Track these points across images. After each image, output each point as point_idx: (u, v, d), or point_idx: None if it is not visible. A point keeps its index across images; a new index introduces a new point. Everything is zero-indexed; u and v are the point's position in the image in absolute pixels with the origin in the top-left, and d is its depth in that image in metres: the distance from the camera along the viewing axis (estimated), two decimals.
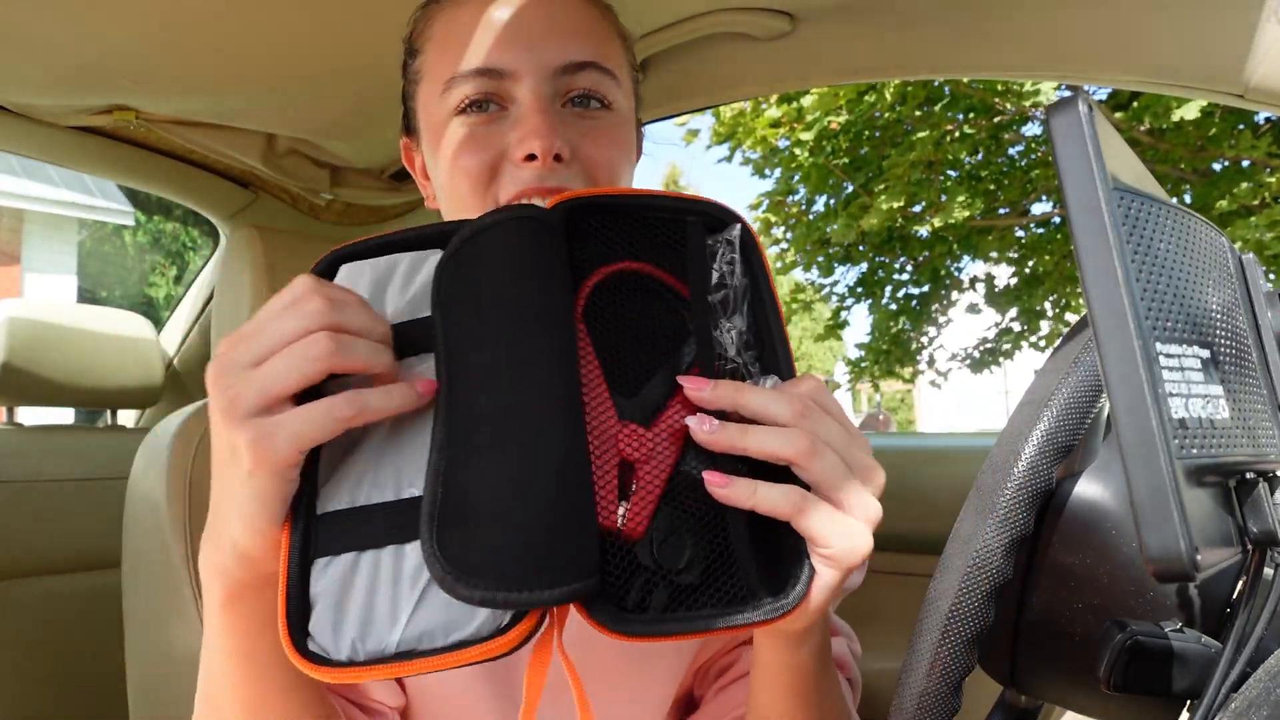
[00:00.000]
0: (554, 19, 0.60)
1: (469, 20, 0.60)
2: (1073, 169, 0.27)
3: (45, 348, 1.43)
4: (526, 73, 0.58)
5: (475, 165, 0.58)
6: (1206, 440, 0.28)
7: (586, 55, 0.60)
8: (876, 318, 6.88)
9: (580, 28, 0.61)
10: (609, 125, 0.61)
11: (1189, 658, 0.38)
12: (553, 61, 0.59)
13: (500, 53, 0.58)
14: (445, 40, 0.61)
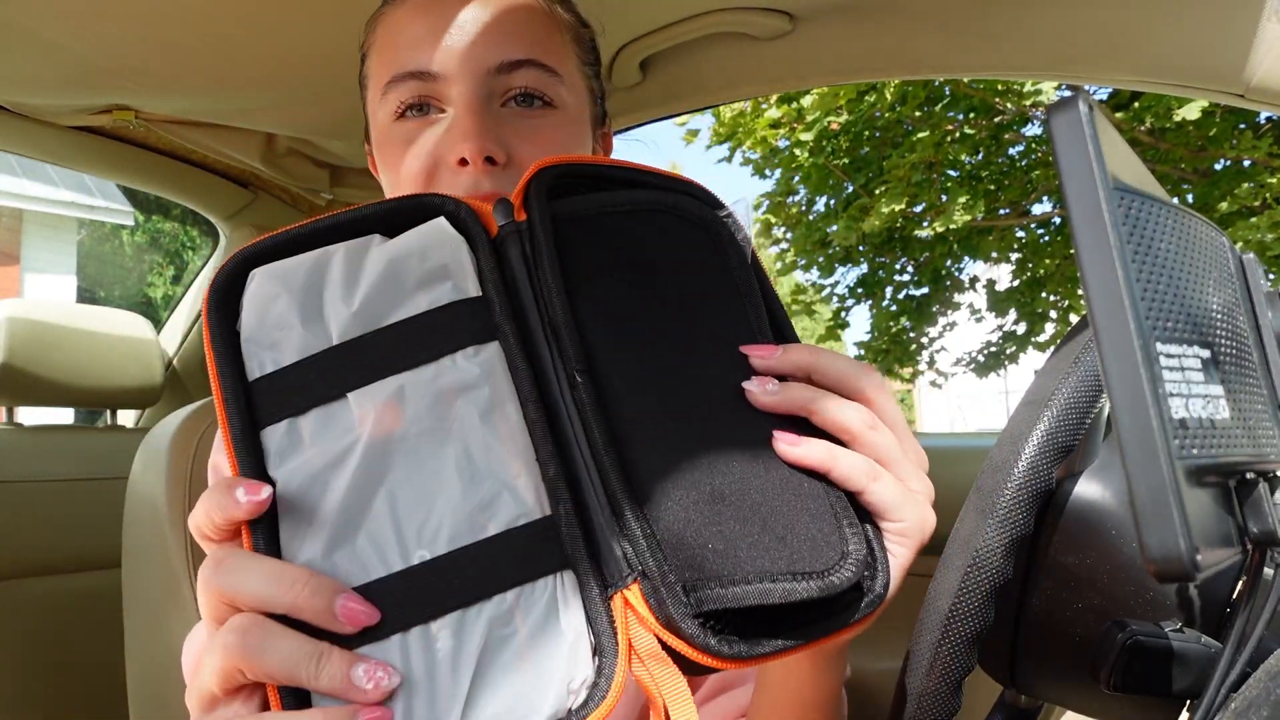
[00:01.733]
0: (487, 18, 0.58)
1: (405, 23, 0.59)
2: (1073, 169, 0.27)
3: (44, 347, 1.43)
4: (459, 74, 0.57)
5: (414, 169, 0.57)
6: (1207, 440, 0.28)
7: (522, 53, 0.58)
8: (876, 318, 6.88)
9: (515, 25, 0.59)
10: (552, 124, 0.59)
11: (1189, 658, 0.38)
12: (485, 61, 0.57)
13: (432, 54, 0.57)
14: (384, 45, 0.60)
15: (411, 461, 0.32)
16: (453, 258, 0.35)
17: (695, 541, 0.33)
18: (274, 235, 0.35)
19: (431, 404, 0.33)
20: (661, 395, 0.35)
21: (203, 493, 0.32)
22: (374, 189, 1.37)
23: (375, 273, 0.34)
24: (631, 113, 1.17)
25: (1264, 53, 0.73)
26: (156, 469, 0.92)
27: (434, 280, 0.35)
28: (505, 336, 0.35)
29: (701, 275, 0.39)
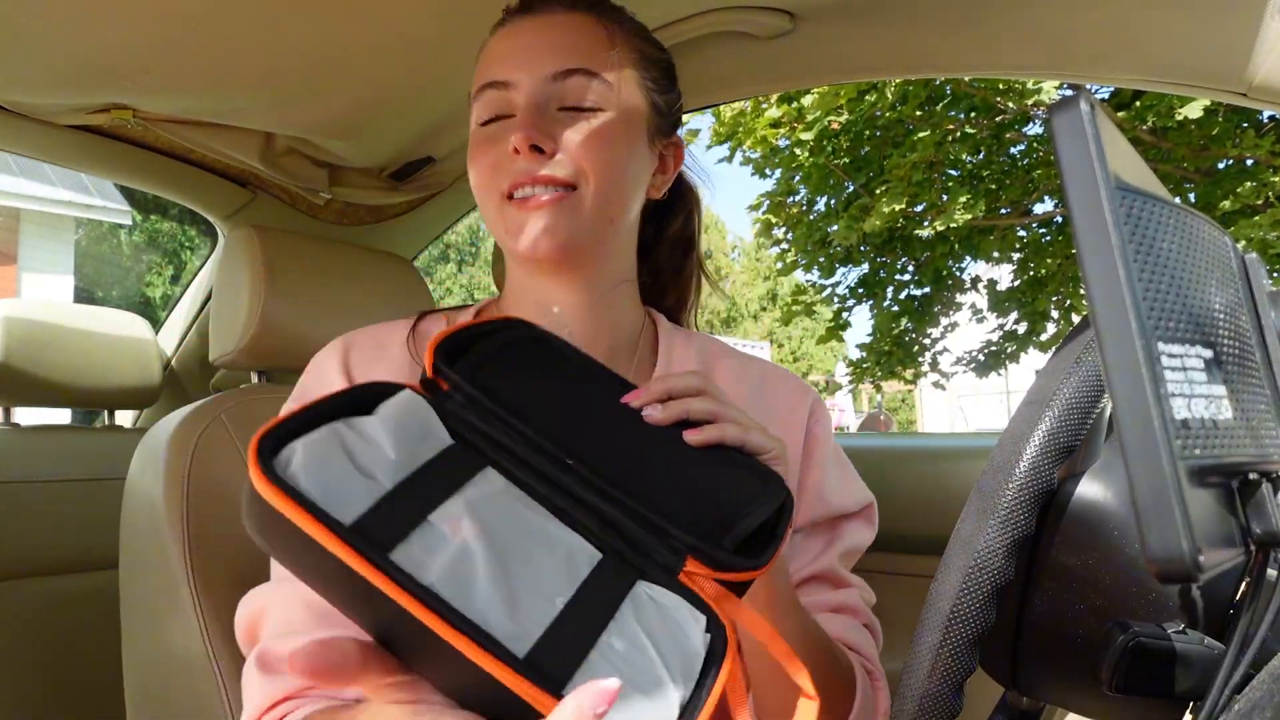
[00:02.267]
0: (545, 35, 0.69)
1: (493, 46, 0.72)
2: (1075, 168, 0.27)
3: (42, 348, 1.43)
4: (521, 82, 0.68)
5: (485, 163, 0.69)
6: (1209, 441, 0.28)
7: (573, 63, 0.68)
8: (878, 319, 6.87)
9: (572, 40, 0.69)
10: (597, 123, 0.68)
11: (1192, 659, 0.37)
12: (542, 71, 0.68)
13: (503, 68, 0.69)
14: (480, 65, 0.72)
15: (509, 547, 0.40)
16: (428, 418, 0.45)
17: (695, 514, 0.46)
18: (274, 422, 0.39)
19: (495, 509, 0.42)
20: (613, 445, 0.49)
21: None
22: (373, 189, 1.37)
23: (388, 434, 0.42)
24: None
25: (1266, 52, 0.73)
26: (154, 469, 0.91)
27: (426, 435, 0.44)
28: (497, 464, 0.45)
29: (566, 367, 0.55)
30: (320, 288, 1.08)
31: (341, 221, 1.53)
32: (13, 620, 1.34)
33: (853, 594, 0.77)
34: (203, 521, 0.89)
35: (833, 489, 0.78)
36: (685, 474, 0.49)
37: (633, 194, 0.72)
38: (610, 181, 0.69)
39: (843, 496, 0.79)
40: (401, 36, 0.93)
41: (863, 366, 7.14)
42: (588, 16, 0.71)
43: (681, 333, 0.82)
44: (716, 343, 0.84)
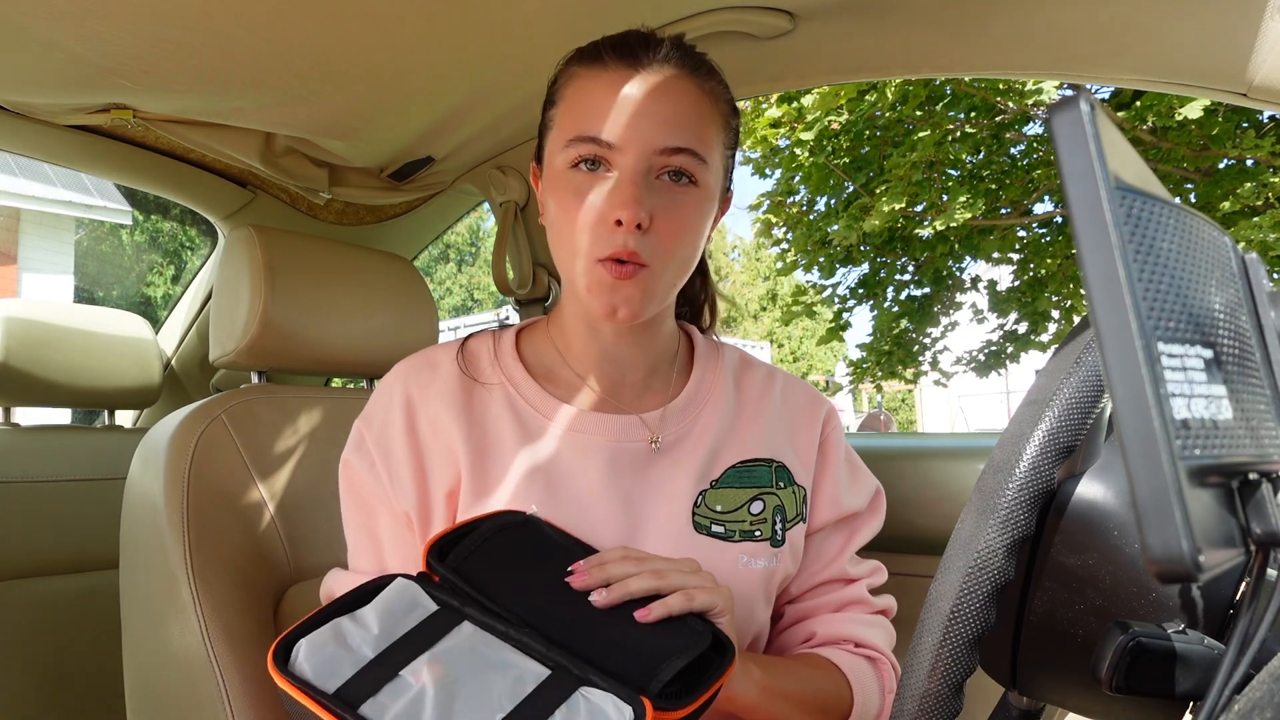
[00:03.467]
0: (661, 106, 0.71)
1: (597, 93, 0.72)
2: (1074, 168, 0.27)
3: (42, 348, 1.43)
4: (630, 148, 0.70)
5: (581, 219, 0.71)
6: (1209, 441, 0.28)
7: (682, 142, 0.71)
8: (878, 319, 6.87)
9: (682, 117, 0.71)
10: (691, 201, 0.72)
11: (1192, 659, 0.37)
12: (653, 144, 0.70)
13: (613, 127, 0.70)
14: (575, 103, 0.73)
15: (465, 682, 0.55)
16: (417, 594, 0.62)
17: (621, 669, 0.57)
18: (289, 629, 0.58)
19: (457, 653, 0.57)
20: (566, 614, 0.61)
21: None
22: (372, 188, 1.37)
23: (376, 617, 0.59)
24: None
25: (1266, 52, 0.73)
26: (155, 469, 0.91)
27: (413, 608, 0.60)
28: (470, 617, 0.61)
29: (544, 549, 0.67)
30: (320, 288, 1.08)
31: (341, 221, 1.53)
32: (13, 620, 1.34)
33: (859, 589, 0.84)
34: (203, 521, 0.89)
35: (845, 490, 0.84)
36: (622, 634, 0.60)
37: (696, 260, 0.77)
38: (686, 260, 0.74)
39: (854, 496, 0.85)
40: (401, 36, 0.93)
41: (863, 366, 7.14)
42: (691, 82, 0.73)
43: (713, 345, 0.88)
44: (741, 353, 0.90)
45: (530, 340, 0.85)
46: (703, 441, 0.79)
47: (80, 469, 1.44)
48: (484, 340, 0.84)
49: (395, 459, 0.76)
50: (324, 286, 1.09)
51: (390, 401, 0.79)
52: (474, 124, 1.18)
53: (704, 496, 0.77)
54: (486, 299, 19.62)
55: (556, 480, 0.75)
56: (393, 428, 0.77)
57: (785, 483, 0.81)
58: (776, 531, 0.79)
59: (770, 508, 0.79)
